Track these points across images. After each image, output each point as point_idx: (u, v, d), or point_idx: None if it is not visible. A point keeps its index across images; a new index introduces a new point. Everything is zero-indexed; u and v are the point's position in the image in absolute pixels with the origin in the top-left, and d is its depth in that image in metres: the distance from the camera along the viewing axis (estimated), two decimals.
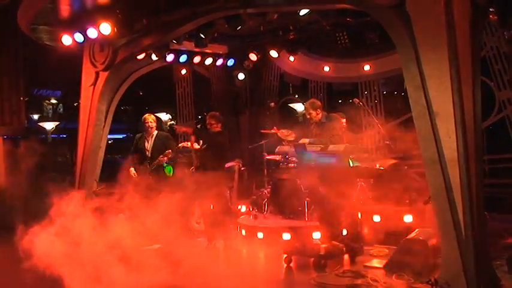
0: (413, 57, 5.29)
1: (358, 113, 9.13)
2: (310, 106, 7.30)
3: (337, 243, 6.53)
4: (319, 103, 7.39)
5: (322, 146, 6.30)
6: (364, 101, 9.75)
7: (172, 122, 14.74)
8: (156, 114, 14.48)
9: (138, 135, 8.70)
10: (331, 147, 6.20)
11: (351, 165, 6.44)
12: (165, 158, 8.20)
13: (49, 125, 20.13)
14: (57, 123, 20.72)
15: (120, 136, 16.96)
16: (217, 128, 7.84)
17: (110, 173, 9.55)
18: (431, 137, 5.18)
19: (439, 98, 5.16)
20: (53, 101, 27.04)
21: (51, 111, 26.71)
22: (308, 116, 7.25)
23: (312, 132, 7.20)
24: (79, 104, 9.48)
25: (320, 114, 7.19)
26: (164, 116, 15.49)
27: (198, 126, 13.00)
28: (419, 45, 5.27)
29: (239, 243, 8.13)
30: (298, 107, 12.30)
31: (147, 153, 8.46)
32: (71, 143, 10.18)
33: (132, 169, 8.33)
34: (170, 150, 8.23)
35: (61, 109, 26.90)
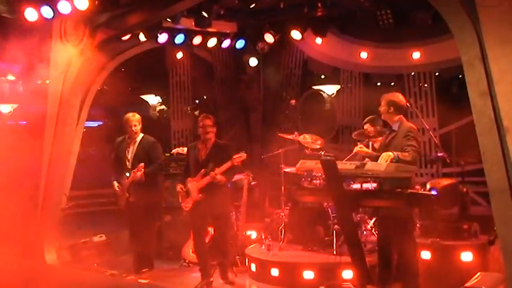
0: (479, 54, 5.26)
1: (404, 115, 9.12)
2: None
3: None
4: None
5: (357, 163, 6.26)
6: (412, 100, 9.70)
7: (163, 106, 14.77)
8: (142, 97, 14.57)
9: (119, 139, 8.76)
10: (369, 165, 6.15)
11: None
12: (139, 174, 8.24)
13: (5, 108, 20.15)
14: (15, 105, 20.71)
15: (94, 124, 16.96)
16: (212, 133, 7.79)
17: (81, 174, 9.65)
18: (500, 158, 5.15)
19: (511, 109, 5.13)
20: (11, 77, 27.12)
21: (7, 90, 26.79)
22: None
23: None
24: (44, 82, 9.56)
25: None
26: (153, 99, 15.50)
27: (196, 112, 13.03)
28: (486, 38, 5.23)
29: (247, 282, 8.17)
30: (327, 89, 12.25)
31: (127, 163, 8.52)
32: None
33: (115, 183, 8.39)
34: (142, 164, 8.26)
35: (21, 88, 26.99)
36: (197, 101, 13.56)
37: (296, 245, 8.50)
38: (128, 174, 8.36)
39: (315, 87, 12.31)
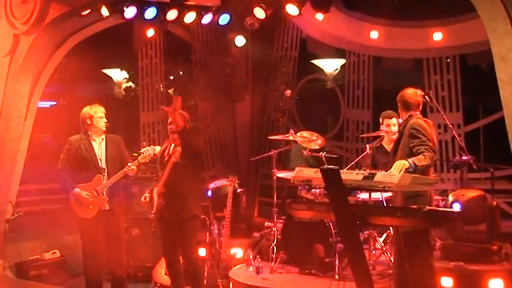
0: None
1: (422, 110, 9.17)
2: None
3: None
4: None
5: (365, 173, 6.26)
6: (433, 92, 9.72)
7: (130, 84, 14.69)
8: (105, 71, 14.50)
9: (74, 138, 8.57)
10: (379, 176, 6.15)
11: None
12: (135, 168, 8.22)
13: None
14: None
15: (46, 104, 16.93)
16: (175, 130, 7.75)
17: (31, 165, 9.63)
18: None
19: None
20: None
21: None
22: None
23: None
24: None
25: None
26: (118, 74, 15.43)
27: (170, 91, 12.96)
28: None
29: None
30: (328, 65, 12.25)
31: (99, 162, 8.45)
32: None
33: (77, 190, 8.20)
34: (155, 151, 8.22)
35: None
36: (172, 77, 13.40)
37: (291, 267, 8.55)
38: (103, 175, 8.33)
39: (314, 61, 12.34)
